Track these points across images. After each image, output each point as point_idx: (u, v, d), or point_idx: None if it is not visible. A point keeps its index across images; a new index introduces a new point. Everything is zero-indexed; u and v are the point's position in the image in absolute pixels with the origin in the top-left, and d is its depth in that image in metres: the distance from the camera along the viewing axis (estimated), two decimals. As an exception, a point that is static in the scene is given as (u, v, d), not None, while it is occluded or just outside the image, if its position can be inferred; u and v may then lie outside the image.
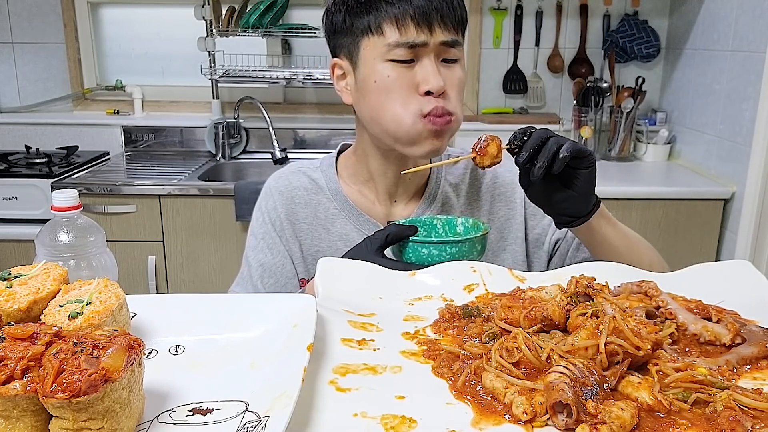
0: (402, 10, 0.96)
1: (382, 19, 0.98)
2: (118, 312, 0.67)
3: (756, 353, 0.67)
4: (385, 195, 1.14)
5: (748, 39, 2.22)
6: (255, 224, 1.18)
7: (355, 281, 0.85)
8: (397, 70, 0.99)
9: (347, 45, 1.04)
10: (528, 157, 0.90)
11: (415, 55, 0.98)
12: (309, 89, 3.03)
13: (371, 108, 1.03)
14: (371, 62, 1.00)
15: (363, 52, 1.01)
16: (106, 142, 2.94)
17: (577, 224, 0.98)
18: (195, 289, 2.43)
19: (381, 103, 1.01)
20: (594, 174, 0.94)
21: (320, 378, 0.63)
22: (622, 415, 0.54)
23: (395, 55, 0.98)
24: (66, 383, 0.49)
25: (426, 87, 0.98)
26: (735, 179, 2.29)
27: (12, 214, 2.46)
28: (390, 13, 0.97)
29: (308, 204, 1.15)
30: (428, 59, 0.98)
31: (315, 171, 1.18)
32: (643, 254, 1.04)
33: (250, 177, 2.82)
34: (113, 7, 3.02)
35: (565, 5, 2.88)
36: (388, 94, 1.00)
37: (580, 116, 2.74)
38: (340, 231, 1.13)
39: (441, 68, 1.00)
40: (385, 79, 0.99)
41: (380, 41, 0.98)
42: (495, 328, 0.73)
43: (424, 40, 0.97)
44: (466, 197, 1.17)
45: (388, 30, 0.98)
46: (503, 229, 1.17)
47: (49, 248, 0.86)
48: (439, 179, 1.17)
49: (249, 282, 1.15)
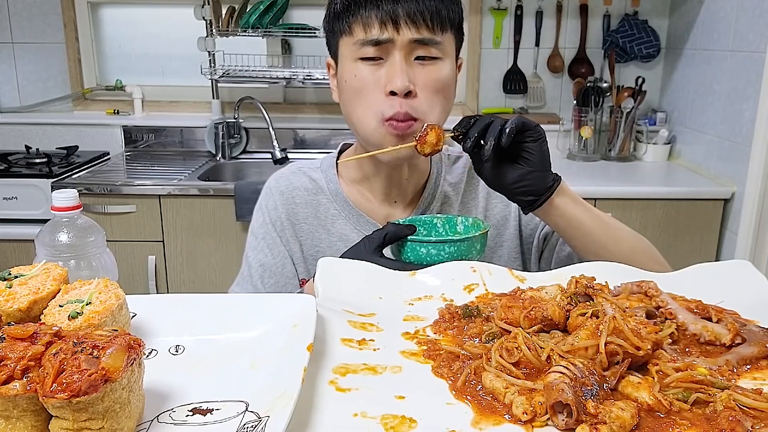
0: (368, 11, 0.98)
1: (353, 21, 1.00)
2: (118, 312, 0.67)
3: (756, 353, 0.67)
4: (382, 196, 1.15)
5: (748, 39, 2.22)
6: (255, 224, 1.18)
7: (355, 281, 0.85)
8: (364, 70, 1.00)
9: (333, 45, 1.07)
10: (475, 140, 0.91)
11: (382, 53, 0.99)
12: (309, 89, 3.03)
13: (344, 107, 1.06)
14: (346, 62, 1.03)
15: (340, 52, 1.04)
16: (106, 142, 2.94)
17: (540, 203, 0.97)
18: (195, 289, 2.43)
19: (351, 103, 1.03)
20: (546, 147, 0.95)
21: (320, 378, 0.63)
22: (622, 415, 0.54)
23: (363, 53, 0.99)
24: (66, 383, 0.49)
25: (390, 87, 0.98)
26: (735, 179, 2.29)
27: (12, 214, 2.46)
28: (357, 14, 0.99)
29: (309, 204, 1.15)
30: (397, 57, 0.98)
31: (315, 171, 1.18)
32: (623, 239, 1.01)
33: (250, 177, 2.82)
34: (113, 7, 3.02)
35: (565, 5, 2.88)
36: (356, 94, 1.01)
37: (580, 116, 2.74)
38: (340, 231, 1.14)
39: (415, 67, 0.99)
40: (353, 79, 1.01)
41: (350, 40, 1.01)
42: (495, 328, 0.73)
43: (388, 36, 0.97)
44: (463, 195, 1.18)
45: (356, 29, 1.00)
46: (499, 225, 1.18)
47: (49, 248, 0.86)
48: (439, 179, 1.17)
49: (249, 282, 1.15)
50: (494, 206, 1.18)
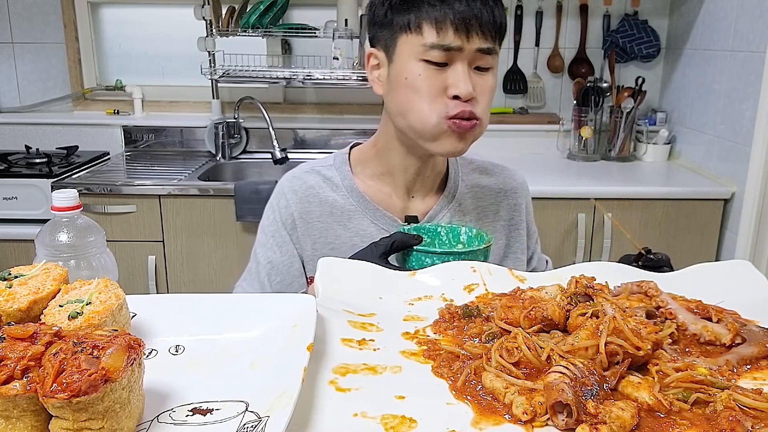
0: (443, 13, 0.98)
1: (423, 19, 0.99)
2: (118, 312, 0.67)
3: (756, 353, 0.67)
4: (403, 189, 1.17)
5: (748, 39, 2.22)
6: (266, 222, 1.20)
7: (355, 281, 0.85)
8: (428, 71, 1.01)
9: (385, 38, 1.06)
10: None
11: (448, 58, 1.00)
12: (309, 89, 3.03)
13: (399, 102, 1.05)
14: (405, 59, 1.02)
15: (399, 48, 1.03)
16: (106, 142, 2.94)
17: None
18: (195, 289, 2.43)
19: (409, 99, 1.03)
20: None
21: (320, 378, 0.63)
22: (622, 415, 0.54)
23: (430, 56, 1.00)
24: (66, 383, 0.49)
25: (455, 91, 1.00)
26: (735, 179, 2.29)
27: (12, 214, 2.46)
28: (431, 15, 0.99)
29: (323, 202, 1.16)
30: (461, 64, 1.00)
31: (329, 169, 1.20)
32: None
33: (250, 177, 2.82)
34: (113, 7, 3.02)
35: (565, 5, 2.88)
36: (417, 92, 1.02)
37: (580, 116, 2.74)
38: (357, 227, 1.15)
39: (472, 75, 1.01)
40: (416, 78, 1.01)
41: (417, 40, 1.00)
42: (495, 328, 0.73)
43: (459, 45, 0.98)
44: (479, 199, 1.21)
45: (426, 30, 0.99)
46: (510, 236, 1.22)
47: (49, 248, 0.86)
48: (457, 178, 1.21)
49: (256, 278, 1.17)
50: (506, 215, 1.22)
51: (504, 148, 2.75)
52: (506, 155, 2.58)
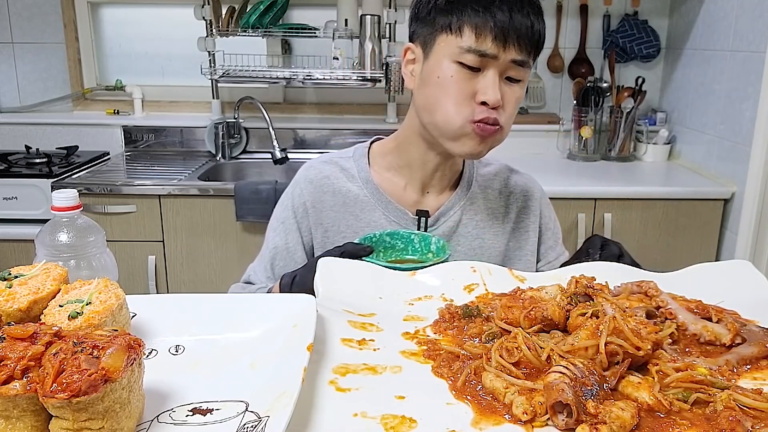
0: (484, 20, 0.99)
1: (464, 22, 1.01)
2: (118, 312, 0.67)
3: (756, 353, 0.67)
4: (419, 183, 1.19)
5: (748, 39, 2.22)
6: (279, 208, 1.24)
7: (355, 281, 0.86)
8: (461, 74, 1.02)
9: (424, 35, 1.07)
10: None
11: (482, 64, 1.01)
12: (309, 89, 3.03)
13: (427, 99, 1.07)
14: (441, 58, 1.04)
15: (437, 47, 1.05)
16: (106, 142, 2.94)
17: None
18: (195, 289, 2.43)
19: (437, 98, 1.05)
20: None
21: (320, 378, 0.63)
22: (622, 415, 0.54)
23: (465, 59, 1.01)
24: (66, 383, 0.49)
25: (483, 97, 1.01)
26: (735, 179, 2.29)
27: (12, 214, 2.46)
28: (473, 19, 1.00)
29: (337, 192, 1.19)
30: (493, 72, 1.01)
31: (347, 161, 1.23)
32: None
33: (250, 177, 2.82)
34: (113, 7, 3.02)
35: (565, 5, 2.87)
36: (446, 92, 1.03)
37: (580, 116, 2.74)
38: (369, 217, 1.18)
39: (502, 84, 1.03)
40: (447, 78, 1.03)
41: (455, 42, 1.01)
42: (495, 328, 0.73)
43: (495, 53, 1.00)
44: (491, 201, 1.23)
45: (466, 34, 1.01)
46: (520, 238, 1.23)
47: (49, 248, 0.86)
48: (471, 177, 1.23)
49: (262, 261, 1.22)
50: (518, 217, 1.24)
51: (504, 148, 2.72)
52: (506, 155, 2.56)
